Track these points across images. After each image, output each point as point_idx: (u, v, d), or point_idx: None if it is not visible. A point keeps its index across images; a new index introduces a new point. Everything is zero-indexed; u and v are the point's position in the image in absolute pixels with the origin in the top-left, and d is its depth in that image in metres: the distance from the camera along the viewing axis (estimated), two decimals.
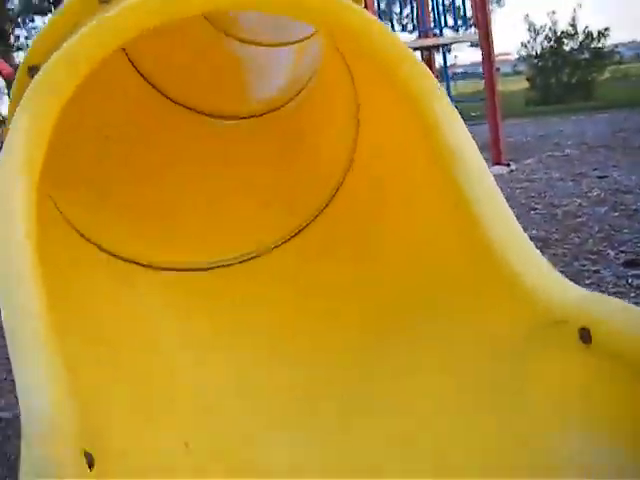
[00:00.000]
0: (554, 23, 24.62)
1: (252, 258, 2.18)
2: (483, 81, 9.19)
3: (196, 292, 2.10)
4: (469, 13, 9.71)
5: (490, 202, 1.44)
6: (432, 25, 10.19)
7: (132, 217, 2.25)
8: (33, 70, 1.52)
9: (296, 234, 2.22)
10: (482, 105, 9.47)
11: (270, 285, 2.12)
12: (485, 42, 8.66)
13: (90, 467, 0.97)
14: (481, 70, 9.39)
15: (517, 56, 27.91)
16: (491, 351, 1.44)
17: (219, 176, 2.49)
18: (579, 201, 5.95)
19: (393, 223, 1.92)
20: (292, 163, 2.46)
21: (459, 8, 10.28)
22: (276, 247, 2.20)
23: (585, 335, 1.17)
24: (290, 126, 2.64)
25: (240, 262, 2.18)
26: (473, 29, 8.91)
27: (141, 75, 2.67)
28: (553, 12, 24.92)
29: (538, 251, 1.37)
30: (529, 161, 8.74)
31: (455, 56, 32.52)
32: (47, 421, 0.96)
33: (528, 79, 24.81)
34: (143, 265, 2.09)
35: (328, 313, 1.92)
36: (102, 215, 2.13)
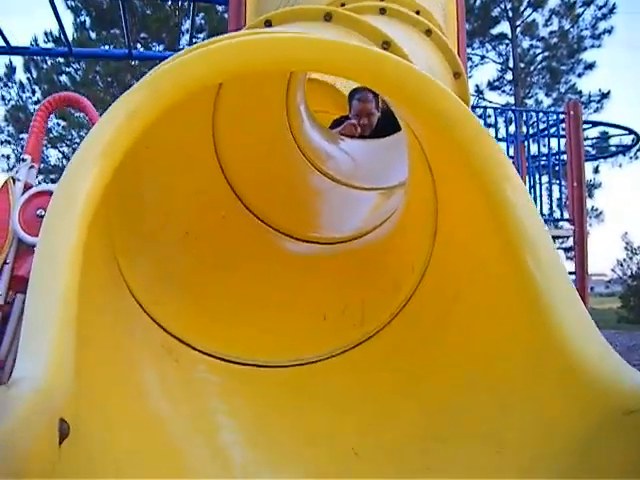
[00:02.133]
0: None
1: (320, 360, 2.16)
2: None
3: (253, 387, 2.06)
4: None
5: (566, 299, 1.33)
6: None
7: (194, 300, 2.28)
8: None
9: (362, 342, 2.18)
10: None
11: (325, 389, 2.07)
12: (579, 253, 8.59)
13: (62, 439, 0.89)
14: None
15: (611, 277, 27.53)
16: (558, 445, 1.27)
17: (295, 285, 2.54)
18: None
19: (462, 316, 1.83)
20: (367, 274, 2.48)
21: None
22: (346, 351, 2.17)
23: None
24: (368, 247, 2.68)
25: (301, 365, 2.14)
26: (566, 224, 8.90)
27: (232, 189, 2.80)
28: None
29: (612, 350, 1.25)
30: None
31: None
32: (37, 374, 0.92)
33: (621, 298, 24.26)
34: (198, 350, 2.07)
35: (390, 412, 1.84)
36: (163, 292, 2.16)
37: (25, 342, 1.03)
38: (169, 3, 21.77)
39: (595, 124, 13.84)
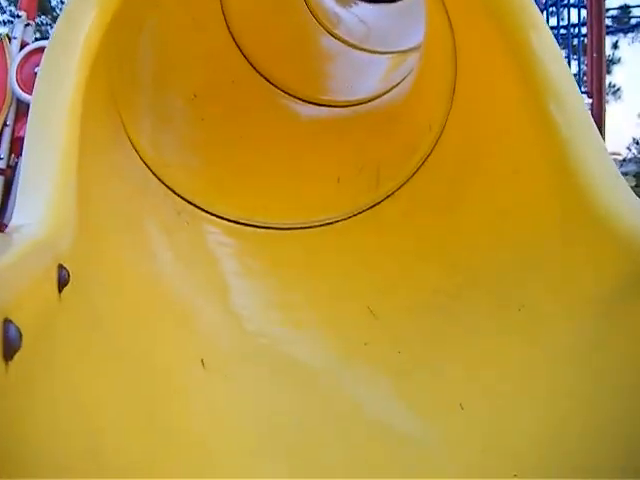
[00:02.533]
0: None
1: (334, 222, 2.14)
2: None
3: (266, 249, 2.06)
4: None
5: (587, 143, 1.26)
6: None
7: (204, 164, 2.24)
8: None
9: (378, 203, 2.15)
10: None
11: (341, 250, 2.05)
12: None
13: (62, 286, 0.86)
14: None
15: (626, 155, 27.02)
16: (578, 306, 1.23)
17: (308, 148, 2.48)
18: None
19: (483, 175, 1.78)
20: (383, 136, 2.42)
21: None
22: (361, 212, 2.15)
23: None
24: (383, 109, 2.59)
25: (315, 227, 2.13)
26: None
27: (240, 51, 2.70)
28: None
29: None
30: None
31: None
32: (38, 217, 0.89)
33: (635, 176, 23.94)
34: (210, 212, 2.05)
35: (406, 271, 1.82)
36: (172, 155, 2.11)
37: (24, 190, 0.99)
38: None
39: None
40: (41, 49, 2.77)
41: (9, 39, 2.83)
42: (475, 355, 1.43)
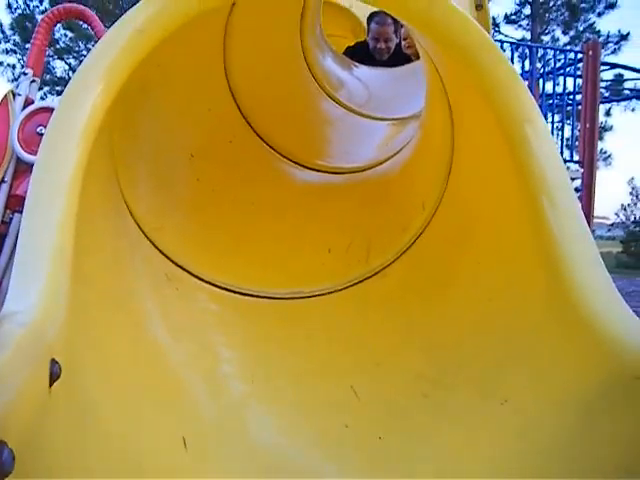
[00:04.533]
0: None
1: (322, 294, 2.12)
2: None
3: (254, 319, 2.03)
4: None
5: (577, 241, 1.27)
6: None
7: (197, 228, 2.23)
8: None
9: (366, 278, 2.15)
10: None
11: (326, 324, 2.03)
12: (587, 196, 8.40)
13: (53, 380, 0.85)
14: None
15: (614, 220, 27.18)
16: (560, 403, 1.23)
17: (300, 214, 2.48)
18: None
19: (472, 258, 1.79)
20: (376, 208, 2.42)
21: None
22: (349, 286, 2.14)
23: None
24: (378, 181, 2.60)
25: (304, 297, 2.12)
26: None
27: (241, 113, 2.72)
28: None
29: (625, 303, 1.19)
30: None
31: None
32: (29, 309, 0.88)
33: (622, 242, 24.10)
34: (199, 278, 2.05)
35: (390, 351, 1.81)
36: (166, 218, 2.12)
37: (18, 273, 0.98)
38: None
39: (613, 66, 13.42)
40: (44, 109, 2.80)
41: (13, 95, 2.85)
42: (459, 449, 1.41)
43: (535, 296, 1.40)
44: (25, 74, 2.95)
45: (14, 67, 21.31)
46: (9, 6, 21.18)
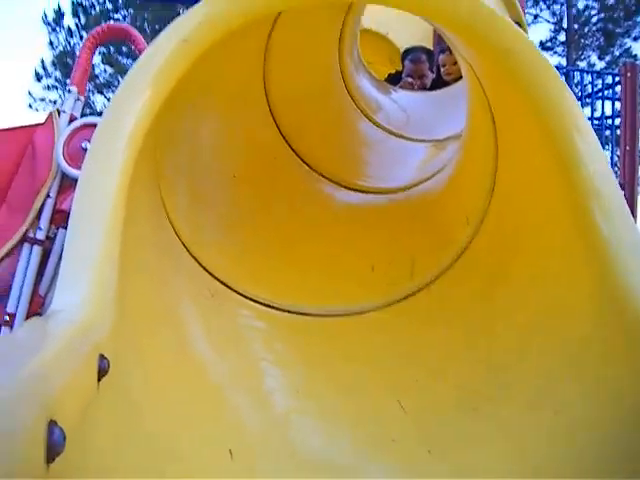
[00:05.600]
0: None
1: (367, 312, 2.10)
2: None
3: (297, 335, 2.02)
4: None
5: (634, 253, 1.23)
6: None
7: (239, 245, 2.25)
8: None
9: (411, 295, 2.12)
10: None
11: (373, 341, 2.00)
12: None
13: (101, 375, 0.85)
14: None
15: None
16: (613, 412, 1.20)
17: (342, 234, 2.48)
18: None
19: (519, 271, 1.76)
20: (419, 226, 2.41)
21: None
22: (390, 305, 2.11)
23: None
24: (419, 199, 2.59)
25: (347, 315, 2.10)
26: None
27: (280, 133, 2.74)
28: None
29: None
30: None
31: None
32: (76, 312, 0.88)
33: None
34: (242, 294, 2.06)
35: (437, 367, 1.79)
36: (206, 233, 2.14)
37: (65, 274, 0.99)
38: None
39: None
40: (89, 125, 2.85)
41: (59, 113, 2.91)
42: (510, 459, 1.37)
43: (586, 306, 1.37)
44: (70, 91, 3.01)
45: (55, 102, 21.89)
46: (50, 43, 21.84)
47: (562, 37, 24.53)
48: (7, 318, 2.66)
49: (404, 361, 1.85)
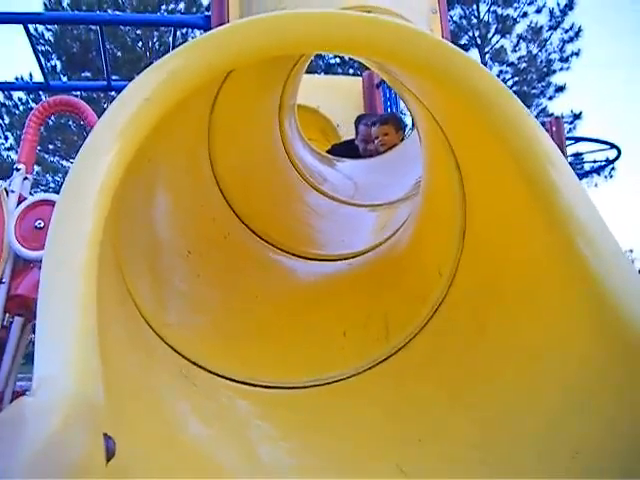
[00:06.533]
0: None
1: (345, 379, 2.00)
2: None
3: (277, 409, 1.91)
4: None
5: (625, 278, 1.19)
6: None
7: (205, 322, 2.15)
8: None
9: (390, 356, 2.03)
10: None
11: (359, 407, 1.90)
12: None
13: (109, 457, 0.76)
14: None
15: None
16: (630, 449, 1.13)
17: (308, 303, 2.41)
18: None
19: (504, 315, 1.69)
20: (388, 285, 2.33)
21: None
22: (370, 368, 2.01)
23: None
24: (383, 259, 2.55)
25: (329, 383, 2.00)
26: None
27: (230, 207, 2.67)
28: None
29: None
30: None
31: None
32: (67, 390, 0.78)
33: None
34: (216, 374, 1.94)
35: (432, 424, 1.68)
36: (172, 313, 2.05)
37: (43, 347, 0.89)
38: (140, 45, 21.81)
39: (577, 140, 13.64)
40: (41, 202, 2.71)
41: (7, 193, 2.75)
42: None
43: (585, 341, 1.30)
44: (17, 169, 2.87)
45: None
46: None
47: None
48: None
49: (395, 421, 1.75)
